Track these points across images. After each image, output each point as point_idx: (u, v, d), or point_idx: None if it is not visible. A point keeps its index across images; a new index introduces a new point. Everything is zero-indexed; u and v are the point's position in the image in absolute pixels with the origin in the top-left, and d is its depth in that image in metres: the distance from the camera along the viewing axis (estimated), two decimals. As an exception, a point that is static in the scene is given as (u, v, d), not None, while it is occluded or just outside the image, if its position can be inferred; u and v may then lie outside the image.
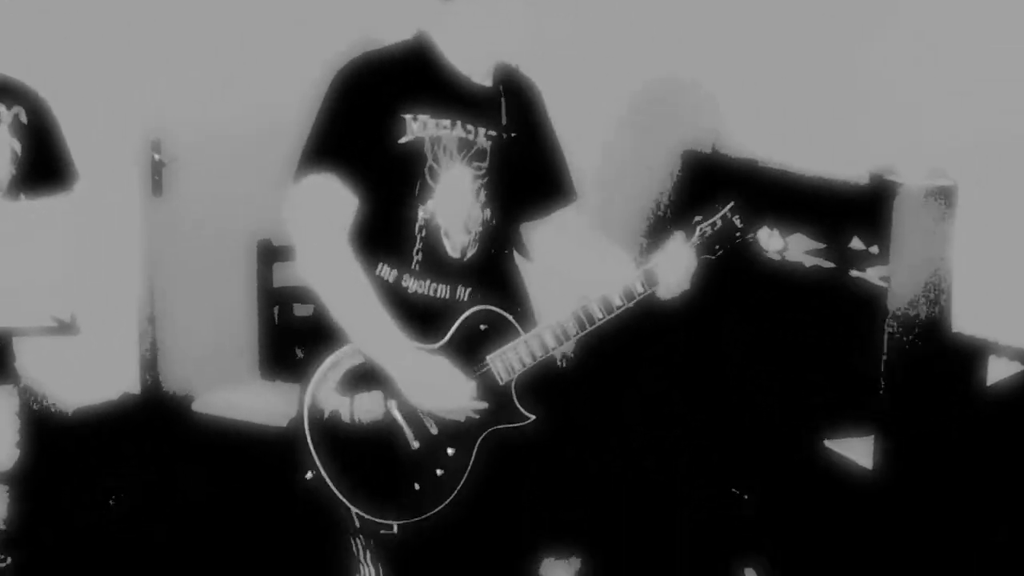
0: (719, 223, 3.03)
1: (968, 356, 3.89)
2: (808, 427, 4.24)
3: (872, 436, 3.97)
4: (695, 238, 3.00)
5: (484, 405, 2.79)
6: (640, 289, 2.93)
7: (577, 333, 2.89)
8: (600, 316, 2.91)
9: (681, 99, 5.19)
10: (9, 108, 2.82)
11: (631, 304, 2.93)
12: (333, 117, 2.76)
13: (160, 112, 4.71)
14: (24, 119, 2.83)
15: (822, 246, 4.44)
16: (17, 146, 2.81)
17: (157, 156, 4.72)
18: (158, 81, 4.66)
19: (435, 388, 2.74)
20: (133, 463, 4.34)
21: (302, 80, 3.05)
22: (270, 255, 4.35)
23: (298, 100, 2.92)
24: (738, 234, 3.05)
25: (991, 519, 3.72)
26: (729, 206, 3.05)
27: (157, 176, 4.74)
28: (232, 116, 4.81)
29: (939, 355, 3.92)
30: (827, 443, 4.15)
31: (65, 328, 2.45)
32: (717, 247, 3.02)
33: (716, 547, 4.21)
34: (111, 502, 4.17)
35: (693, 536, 4.24)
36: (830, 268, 4.33)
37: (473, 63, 2.86)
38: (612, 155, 5.26)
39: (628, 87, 5.22)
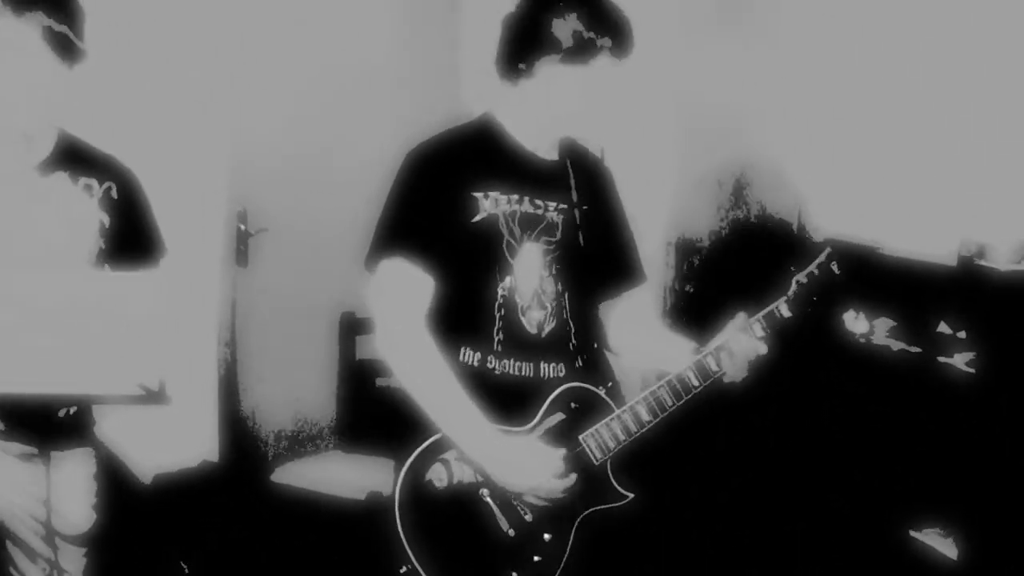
0: (816, 272, 2.91)
1: (1058, 446, 3.81)
2: (893, 516, 4.15)
3: (957, 527, 3.88)
4: (791, 290, 2.89)
5: (572, 482, 2.74)
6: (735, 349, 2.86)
7: (673, 404, 2.83)
8: (696, 384, 2.85)
9: (759, 173, 5.17)
10: (101, 183, 2.86)
11: (722, 374, 2.87)
12: (404, 201, 2.76)
13: (246, 183, 4.76)
14: (115, 194, 2.87)
15: (893, 323, 4.36)
16: (106, 219, 2.85)
17: (242, 227, 4.76)
18: (245, 152, 4.72)
19: (523, 468, 2.70)
20: (209, 531, 4.33)
21: (389, 156, 3.07)
22: (353, 328, 4.37)
23: (384, 174, 2.94)
24: (836, 282, 2.91)
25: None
26: (826, 252, 2.93)
27: (242, 246, 4.78)
28: (318, 188, 4.86)
29: (1028, 445, 3.84)
30: (912, 533, 4.07)
31: (154, 397, 2.45)
32: (814, 298, 2.89)
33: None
34: (184, 569, 4.16)
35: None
36: (916, 353, 4.26)
37: (538, 138, 2.86)
38: (684, 228, 5.25)
39: (704, 160, 5.21)
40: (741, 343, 2.86)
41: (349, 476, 4.09)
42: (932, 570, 3.97)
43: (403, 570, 2.64)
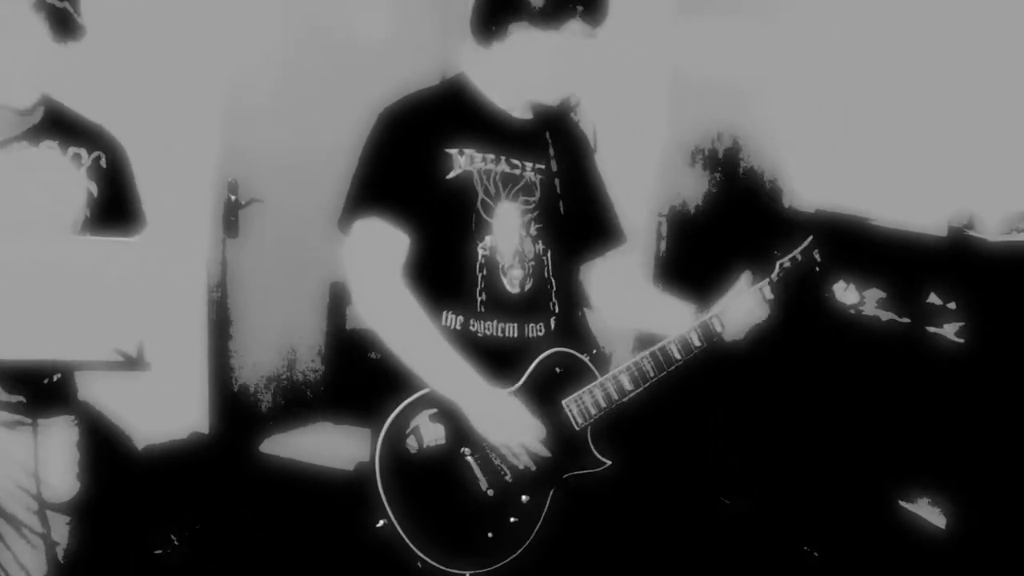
0: (799, 257, 2.98)
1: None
2: (882, 486, 4.16)
3: (946, 497, 3.89)
4: (775, 273, 2.94)
5: (552, 444, 2.74)
6: (718, 328, 2.89)
7: (655, 375, 2.84)
8: (679, 357, 2.86)
9: (749, 146, 5.17)
10: (91, 152, 2.85)
11: (708, 345, 2.89)
12: (376, 160, 2.74)
13: (237, 154, 4.75)
14: (104, 164, 2.86)
15: (882, 294, 4.36)
16: (94, 189, 2.84)
17: (233, 197, 4.75)
18: (236, 123, 4.71)
19: (506, 424, 2.69)
20: (198, 502, 4.34)
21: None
22: (343, 298, 4.37)
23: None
24: (817, 268, 3.00)
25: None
26: (808, 240, 3.00)
27: (233, 217, 4.76)
28: (309, 160, 4.85)
29: (1017, 414, 3.84)
30: (901, 503, 4.07)
31: (132, 363, 2.44)
32: (796, 282, 2.96)
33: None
34: (174, 541, 4.17)
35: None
36: (906, 323, 4.26)
37: (512, 99, 2.83)
38: (674, 200, 5.25)
39: (695, 133, 5.21)
40: (744, 305, 2.91)
41: (338, 446, 4.09)
42: (921, 540, 3.97)
43: (380, 524, 2.64)
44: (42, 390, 2.85)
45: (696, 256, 5.16)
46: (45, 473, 2.84)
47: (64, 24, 2.66)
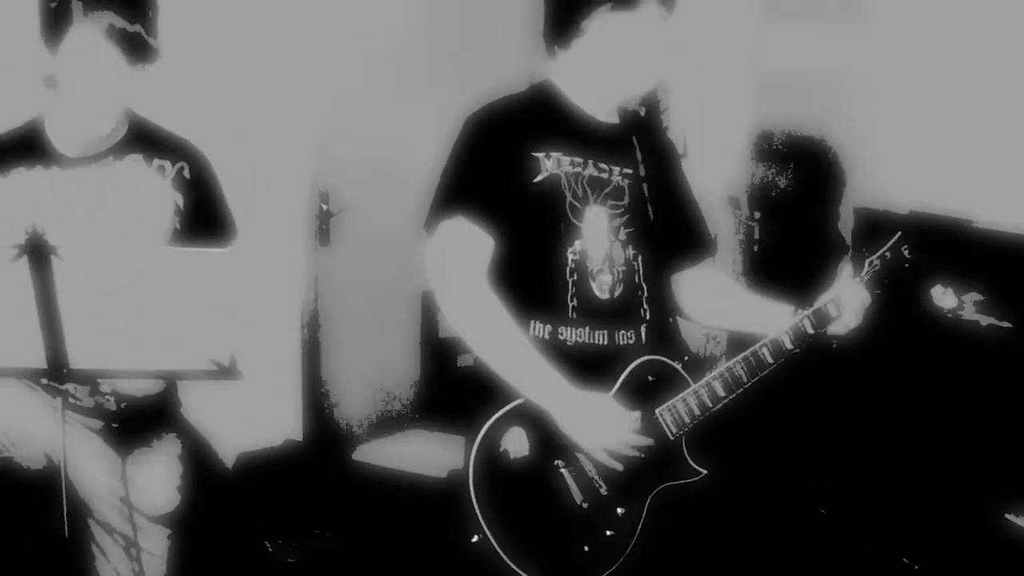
0: (888, 255, 2.91)
1: None
2: (987, 498, 4.06)
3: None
4: (864, 272, 2.88)
5: (647, 443, 2.71)
6: (810, 330, 2.82)
7: (748, 381, 2.79)
8: (771, 361, 2.81)
9: (843, 147, 5.11)
10: (174, 164, 2.88)
11: (801, 347, 2.83)
12: (463, 162, 2.73)
13: (329, 163, 4.77)
14: (187, 174, 2.89)
15: (981, 298, 4.28)
16: (180, 200, 2.87)
17: (325, 206, 4.78)
18: (328, 133, 4.73)
19: (599, 425, 2.65)
20: (294, 510, 4.36)
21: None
22: (435, 306, 4.36)
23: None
24: (907, 265, 2.92)
25: None
26: (897, 236, 2.93)
27: (324, 226, 4.79)
28: (399, 168, 4.86)
29: None
30: (1009, 516, 3.98)
31: (225, 372, 2.46)
32: (886, 280, 2.89)
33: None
34: (270, 549, 4.19)
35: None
36: (1007, 328, 4.17)
37: (597, 102, 2.82)
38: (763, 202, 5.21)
39: (776, 135, 5.16)
40: (852, 292, 2.86)
41: (431, 454, 4.10)
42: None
43: (475, 539, 2.61)
44: (139, 404, 2.88)
45: (789, 256, 5.11)
46: (141, 483, 2.89)
47: (137, 48, 2.67)
